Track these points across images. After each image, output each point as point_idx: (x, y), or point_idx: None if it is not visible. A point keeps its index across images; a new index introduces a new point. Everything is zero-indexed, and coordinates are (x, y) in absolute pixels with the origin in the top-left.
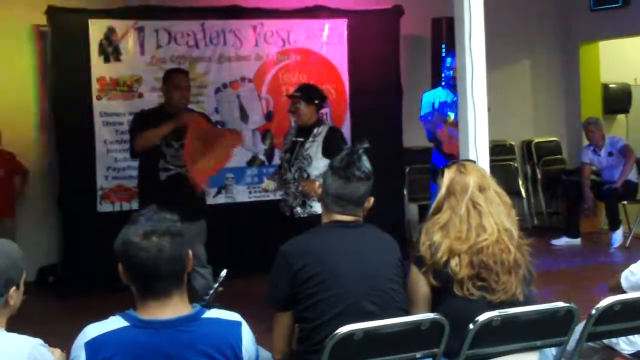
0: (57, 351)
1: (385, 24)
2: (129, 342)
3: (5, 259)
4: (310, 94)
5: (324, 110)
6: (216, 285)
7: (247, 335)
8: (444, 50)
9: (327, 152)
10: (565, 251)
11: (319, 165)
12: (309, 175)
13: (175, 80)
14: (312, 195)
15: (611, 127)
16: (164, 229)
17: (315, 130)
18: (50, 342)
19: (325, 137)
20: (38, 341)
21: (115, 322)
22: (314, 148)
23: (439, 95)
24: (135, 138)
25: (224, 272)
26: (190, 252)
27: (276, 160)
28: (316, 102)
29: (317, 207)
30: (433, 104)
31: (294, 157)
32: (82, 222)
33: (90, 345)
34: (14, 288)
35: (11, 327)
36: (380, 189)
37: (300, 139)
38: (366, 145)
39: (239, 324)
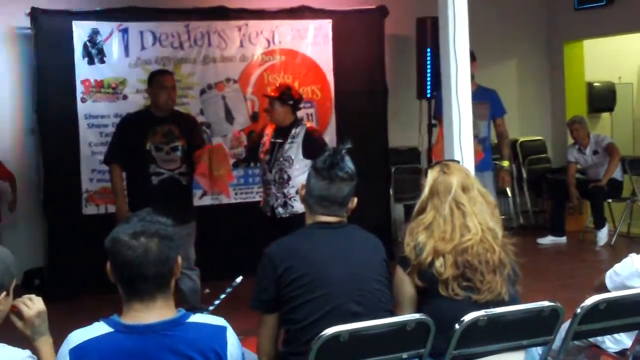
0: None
1: (370, 24)
2: (113, 348)
3: None
4: (284, 94)
5: (308, 111)
6: (229, 290)
7: (232, 339)
8: (428, 50)
9: (307, 153)
10: (551, 250)
11: (300, 166)
12: (289, 177)
13: (160, 81)
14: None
15: (596, 125)
16: (153, 231)
17: (293, 132)
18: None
19: (304, 138)
20: (27, 353)
21: (99, 328)
22: (294, 149)
23: None
24: (110, 161)
25: (239, 279)
26: (179, 258)
27: None
28: (290, 102)
29: (299, 207)
30: None
31: (273, 158)
32: (68, 224)
33: (75, 352)
34: (4, 294)
35: None
36: (366, 189)
37: (279, 140)
38: (349, 145)
39: (224, 328)
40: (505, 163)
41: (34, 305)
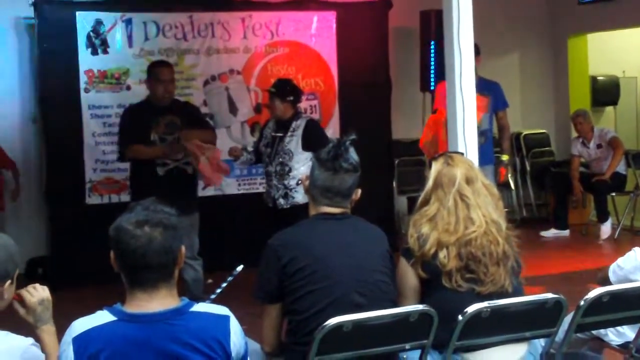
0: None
1: (374, 16)
2: (116, 337)
3: (3, 252)
4: (284, 90)
5: (312, 103)
6: (230, 278)
7: (235, 329)
8: (432, 43)
9: (307, 145)
10: (554, 243)
11: (300, 158)
12: (290, 169)
13: (157, 73)
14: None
15: (599, 119)
16: (157, 220)
17: (293, 124)
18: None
19: (304, 130)
20: (30, 341)
21: (102, 317)
22: (294, 142)
23: None
24: (125, 148)
25: (239, 267)
26: (182, 248)
27: None
28: (289, 98)
29: (300, 198)
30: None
31: (274, 151)
32: (71, 214)
33: (78, 341)
34: (8, 282)
35: (1, 320)
36: (370, 181)
37: (280, 134)
38: (353, 137)
39: (227, 317)
40: (505, 157)
41: (37, 292)
